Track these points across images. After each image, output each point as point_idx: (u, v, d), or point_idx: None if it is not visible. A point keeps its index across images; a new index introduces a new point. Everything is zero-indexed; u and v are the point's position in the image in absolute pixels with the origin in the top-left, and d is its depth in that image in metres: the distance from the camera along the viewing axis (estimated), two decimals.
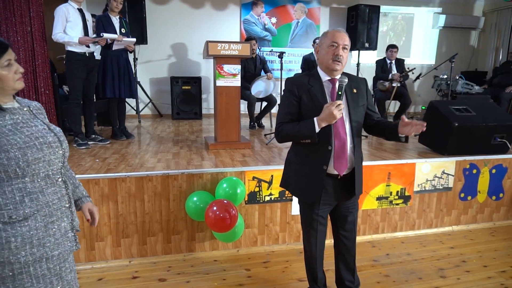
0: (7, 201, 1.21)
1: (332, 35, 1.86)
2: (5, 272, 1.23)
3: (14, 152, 1.20)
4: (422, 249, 3.04)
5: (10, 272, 1.23)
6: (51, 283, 1.33)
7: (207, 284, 2.48)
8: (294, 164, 2.03)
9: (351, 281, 2.16)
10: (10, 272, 1.23)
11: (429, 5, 7.05)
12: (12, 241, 1.22)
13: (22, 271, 1.25)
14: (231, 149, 3.62)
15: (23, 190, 1.24)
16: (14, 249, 1.22)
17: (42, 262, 1.30)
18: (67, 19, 3.37)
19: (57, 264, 1.35)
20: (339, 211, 2.05)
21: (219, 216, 2.46)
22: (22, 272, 1.25)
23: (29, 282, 1.27)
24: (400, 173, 3.19)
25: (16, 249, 1.23)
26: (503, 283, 2.52)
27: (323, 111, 1.78)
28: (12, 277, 1.24)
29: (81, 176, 2.60)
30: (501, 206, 3.54)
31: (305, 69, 5.42)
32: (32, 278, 1.28)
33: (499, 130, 3.41)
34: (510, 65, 5.55)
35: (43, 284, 1.31)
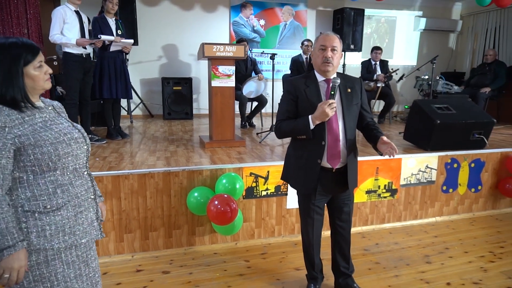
0: (42, 193, 1.32)
1: (321, 39, 2.03)
2: (40, 258, 1.33)
3: (47, 147, 1.31)
4: (408, 238, 3.25)
5: (45, 258, 1.34)
6: (79, 269, 1.44)
7: (209, 275, 2.61)
8: (293, 158, 2.19)
9: (346, 267, 2.33)
10: (44, 258, 1.34)
11: (411, 9, 7.35)
12: (47, 229, 1.33)
13: (55, 257, 1.36)
14: (226, 147, 3.75)
15: (55, 182, 1.35)
16: (49, 236, 1.33)
17: (72, 249, 1.41)
18: (65, 20, 3.43)
19: (84, 251, 1.46)
20: (335, 203, 2.21)
21: (220, 209, 2.59)
22: (55, 258, 1.36)
23: (61, 267, 1.38)
24: (387, 168, 3.40)
25: (50, 237, 1.33)
26: (482, 266, 2.75)
27: (317, 109, 1.94)
28: (46, 263, 1.34)
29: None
30: (479, 197, 3.80)
31: (293, 70, 5.60)
32: (64, 264, 1.38)
33: (477, 127, 3.67)
34: (485, 67, 5.87)
35: (73, 270, 1.41)
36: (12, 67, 1.27)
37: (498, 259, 2.87)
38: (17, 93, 1.28)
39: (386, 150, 1.96)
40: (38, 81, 1.35)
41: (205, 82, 6.48)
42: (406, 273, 2.65)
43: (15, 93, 1.27)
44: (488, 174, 3.78)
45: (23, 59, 1.29)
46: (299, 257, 2.84)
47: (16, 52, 1.28)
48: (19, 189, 1.30)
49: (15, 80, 1.27)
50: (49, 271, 1.35)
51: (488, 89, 5.66)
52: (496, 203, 3.88)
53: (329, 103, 1.90)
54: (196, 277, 2.58)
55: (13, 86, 1.27)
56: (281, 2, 6.66)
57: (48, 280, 1.35)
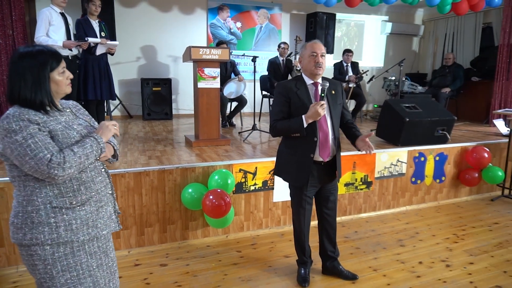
0: (67, 190, 1.44)
1: (311, 46, 2.27)
2: (67, 250, 1.45)
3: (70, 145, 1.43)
4: (383, 225, 3.57)
5: (71, 249, 1.47)
6: (100, 259, 1.58)
7: (205, 265, 2.78)
8: (285, 155, 2.41)
9: (332, 251, 2.59)
10: (71, 250, 1.46)
11: (378, 14, 7.81)
12: (73, 223, 1.46)
13: (80, 248, 1.49)
14: (212, 145, 3.91)
15: (79, 180, 1.47)
16: (75, 230, 1.46)
17: (94, 241, 1.54)
18: (50, 22, 3.46)
19: (104, 242, 1.60)
20: (322, 193, 2.46)
21: (215, 203, 2.77)
22: (80, 249, 1.49)
23: (85, 258, 1.51)
24: (363, 162, 3.70)
25: (76, 230, 1.46)
26: (448, 246, 3.11)
27: (309, 109, 2.18)
28: (72, 254, 1.47)
29: None
30: (443, 187, 4.21)
31: (270, 71, 5.84)
32: (87, 254, 1.51)
33: (440, 124, 4.06)
34: (445, 69, 6.39)
35: (95, 260, 1.55)
36: (40, 73, 1.38)
37: (460, 240, 3.24)
38: (44, 97, 1.39)
39: (364, 147, 2.25)
40: (61, 86, 1.47)
41: (183, 83, 6.58)
42: (384, 255, 2.95)
43: (43, 97, 1.39)
44: (451, 166, 4.19)
45: (49, 65, 1.40)
46: (287, 246, 3.08)
47: (43, 59, 1.39)
48: (47, 187, 1.41)
49: (43, 85, 1.39)
50: (75, 261, 1.48)
51: (448, 89, 6.18)
52: (458, 192, 4.31)
53: (320, 104, 2.14)
54: (193, 267, 2.74)
55: (41, 90, 1.38)
56: (257, 5, 6.88)
57: (74, 269, 1.48)
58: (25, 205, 1.40)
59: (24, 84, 1.34)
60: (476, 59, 6.82)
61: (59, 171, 1.32)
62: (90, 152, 1.42)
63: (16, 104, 1.36)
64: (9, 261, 2.66)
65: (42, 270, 1.43)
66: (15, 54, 1.38)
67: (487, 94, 6.21)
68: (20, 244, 1.42)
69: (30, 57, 1.36)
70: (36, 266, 1.43)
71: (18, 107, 1.35)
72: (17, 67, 1.35)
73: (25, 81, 1.34)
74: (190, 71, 6.33)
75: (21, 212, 1.40)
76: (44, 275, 1.44)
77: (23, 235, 1.40)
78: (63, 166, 1.33)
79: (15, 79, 1.35)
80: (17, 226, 1.40)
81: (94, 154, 1.44)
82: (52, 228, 1.41)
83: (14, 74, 1.35)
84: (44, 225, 1.40)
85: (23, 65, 1.35)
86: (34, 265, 1.43)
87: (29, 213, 1.40)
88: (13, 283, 2.52)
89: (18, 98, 1.35)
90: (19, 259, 2.68)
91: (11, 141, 1.31)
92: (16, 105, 1.36)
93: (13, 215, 1.43)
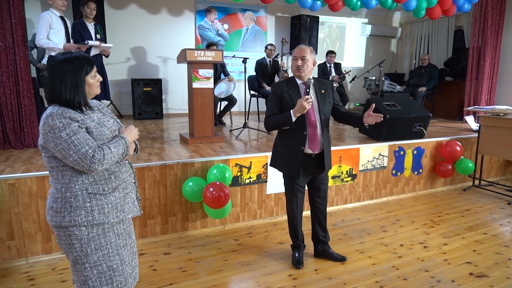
0: (100, 178, 1.64)
1: (295, 51, 2.55)
2: (99, 231, 1.65)
3: (104, 140, 1.64)
4: (367, 214, 3.88)
5: (103, 230, 1.66)
6: (125, 240, 1.78)
7: (207, 253, 3.00)
8: (279, 147, 2.66)
9: (323, 236, 2.86)
10: (102, 231, 1.66)
11: (358, 16, 8.18)
12: (105, 207, 1.65)
13: (110, 230, 1.69)
14: (207, 143, 4.12)
15: (109, 170, 1.67)
16: (107, 213, 1.66)
17: (121, 224, 1.75)
18: (51, 25, 3.58)
19: (128, 225, 1.81)
20: (314, 183, 2.72)
21: (215, 195, 2.99)
22: (109, 230, 1.69)
23: (114, 238, 1.71)
24: (348, 156, 4.00)
25: (108, 213, 1.66)
26: (425, 231, 3.44)
27: (296, 104, 2.43)
28: (103, 234, 1.67)
29: None
30: (421, 179, 4.56)
31: (258, 72, 6.08)
32: (116, 235, 1.72)
33: (418, 120, 4.41)
34: (422, 69, 6.81)
35: (121, 240, 1.75)
36: (78, 77, 1.58)
37: (436, 225, 3.58)
38: (81, 97, 1.59)
39: (374, 119, 2.50)
40: (93, 88, 1.67)
41: (173, 83, 6.74)
42: (369, 240, 3.24)
43: (80, 98, 1.58)
44: (427, 159, 4.55)
45: (84, 70, 1.60)
46: (280, 234, 3.34)
47: (80, 64, 1.59)
48: (83, 176, 1.61)
49: (80, 87, 1.58)
50: (106, 241, 1.68)
51: (425, 89, 6.59)
52: (434, 183, 4.68)
53: (305, 98, 2.39)
54: (195, 255, 2.96)
55: (78, 92, 1.58)
56: (243, 8, 7.11)
57: (105, 248, 1.68)
58: (63, 192, 1.59)
59: (64, 86, 1.53)
60: (449, 60, 7.28)
61: (98, 165, 1.53)
62: (122, 152, 1.64)
63: (56, 104, 1.55)
64: (19, 254, 2.80)
65: (79, 248, 1.62)
66: (55, 60, 1.57)
67: (460, 93, 6.67)
68: (59, 226, 1.60)
69: (68, 63, 1.55)
70: (73, 245, 1.62)
71: (58, 106, 1.54)
72: (58, 71, 1.54)
73: (65, 84, 1.54)
74: (179, 72, 6.56)
75: (59, 198, 1.59)
76: (80, 253, 1.63)
77: (62, 217, 1.59)
78: (102, 162, 1.53)
79: (56, 82, 1.53)
80: (56, 210, 1.59)
81: (123, 153, 1.65)
82: (88, 212, 1.60)
83: (55, 78, 1.54)
84: (81, 209, 1.59)
85: (63, 70, 1.54)
86: (71, 244, 1.62)
87: (67, 199, 1.59)
88: (25, 273, 2.67)
89: (58, 99, 1.53)
90: (28, 251, 2.83)
91: (55, 136, 1.50)
92: (56, 104, 1.55)
93: (51, 200, 1.61)
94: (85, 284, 1.68)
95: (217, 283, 2.55)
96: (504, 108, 4.64)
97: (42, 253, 2.86)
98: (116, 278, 1.71)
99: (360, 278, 2.61)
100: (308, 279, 2.60)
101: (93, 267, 1.65)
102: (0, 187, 2.68)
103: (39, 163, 3.12)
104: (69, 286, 2.49)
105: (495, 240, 3.25)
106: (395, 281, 2.57)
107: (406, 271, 2.71)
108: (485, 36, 5.93)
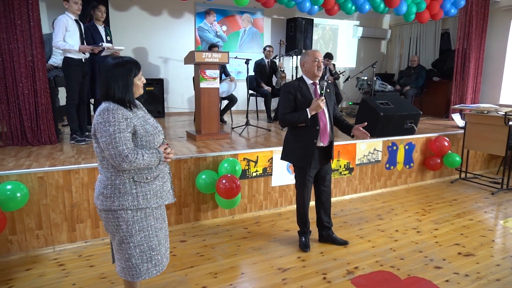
0: (144, 168, 1.88)
1: (314, 54, 2.81)
2: (142, 214, 1.90)
3: (149, 137, 1.88)
4: (364, 205, 4.18)
5: (145, 214, 1.91)
6: (161, 224, 2.02)
7: (220, 240, 3.25)
8: (291, 142, 2.93)
9: (328, 222, 3.14)
10: (144, 215, 1.91)
11: (350, 19, 8.51)
12: (148, 194, 1.90)
13: (151, 214, 1.93)
14: (214, 139, 4.37)
15: None
16: (149, 199, 1.90)
17: (159, 209, 2.00)
18: (67, 28, 3.77)
19: (163, 211, 2.06)
20: (320, 173, 3.01)
21: (227, 186, 3.25)
22: (150, 214, 1.93)
23: (153, 221, 1.95)
24: (346, 151, 4.30)
25: (150, 199, 1.90)
26: (418, 218, 3.76)
27: (312, 104, 2.71)
28: (145, 218, 1.91)
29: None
30: (412, 172, 4.90)
31: (257, 72, 6.34)
32: (155, 219, 1.96)
33: (409, 118, 4.74)
34: (411, 70, 7.17)
35: (159, 224, 1.99)
36: (129, 78, 1.83)
37: (427, 213, 3.91)
38: (130, 97, 1.84)
39: (361, 134, 2.81)
40: (139, 89, 1.91)
41: (173, 83, 6.95)
42: (367, 226, 3.55)
43: (130, 97, 1.83)
44: (418, 154, 4.89)
45: (133, 72, 1.85)
46: (286, 223, 3.61)
47: (130, 67, 1.84)
48: None
49: (130, 87, 1.83)
50: (147, 223, 1.92)
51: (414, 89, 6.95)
52: (424, 176, 5.02)
53: (321, 99, 2.68)
54: (210, 242, 3.21)
55: (128, 92, 1.82)
56: (240, 10, 7.36)
57: (146, 230, 1.92)
58: (113, 179, 1.83)
59: (117, 87, 1.78)
60: (436, 61, 7.67)
61: (127, 165, 1.77)
62: (154, 161, 1.86)
63: (109, 101, 1.79)
64: (47, 242, 3.01)
65: (125, 229, 1.86)
66: (109, 64, 1.81)
67: (447, 92, 7.06)
68: (109, 210, 1.84)
69: (121, 66, 1.80)
70: (120, 227, 1.86)
71: (112, 103, 1.78)
72: (112, 74, 1.78)
73: (118, 84, 1.78)
74: (179, 72, 6.79)
75: (109, 185, 1.83)
76: (126, 233, 1.87)
77: (112, 202, 1.82)
78: (131, 164, 1.77)
79: (110, 83, 1.78)
80: (107, 196, 1.83)
81: (156, 162, 1.88)
82: (134, 197, 1.85)
83: (109, 79, 1.78)
84: (128, 194, 1.83)
85: (117, 73, 1.78)
86: (119, 225, 1.86)
87: (117, 185, 1.83)
88: (54, 259, 2.88)
89: (113, 97, 1.78)
90: (55, 240, 3.04)
91: (104, 129, 1.74)
92: (110, 101, 1.79)
93: (102, 187, 1.85)
94: (129, 261, 1.92)
95: (234, 265, 2.81)
96: (488, 106, 5.01)
97: (67, 242, 3.07)
98: (154, 256, 1.96)
99: (361, 258, 2.91)
100: (315, 260, 2.88)
101: (136, 246, 1.90)
102: (30, 180, 2.89)
103: (61, 158, 3.32)
104: (97, 270, 2.72)
105: (480, 225, 3.59)
106: (393, 261, 2.87)
107: (402, 252, 3.01)
108: (470, 39, 6.32)
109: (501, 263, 2.86)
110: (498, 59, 6.53)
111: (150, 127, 1.90)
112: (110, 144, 1.73)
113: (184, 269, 2.74)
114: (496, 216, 3.87)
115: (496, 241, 3.26)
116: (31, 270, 2.71)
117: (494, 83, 6.63)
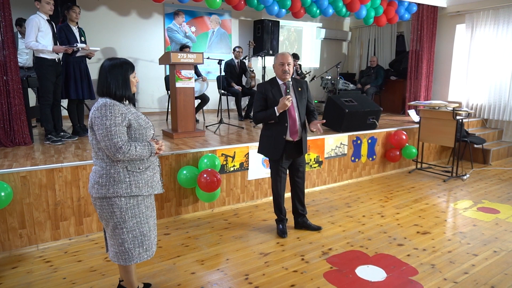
0: (136, 159, 2.04)
1: (281, 57, 3.06)
2: (135, 201, 2.06)
3: (141, 130, 2.05)
4: (333, 195, 4.52)
5: (137, 201, 2.07)
6: (151, 212, 2.19)
7: (202, 231, 3.43)
8: (265, 137, 3.17)
9: (302, 210, 3.42)
10: (137, 202, 2.07)
11: (313, 21, 8.93)
12: (140, 182, 2.06)
13: (142, 201, 2.10)
14: (190, 137, 4.52)
15: None
16: (141, 187, 2.07)
17: (149, 198, 2.16)
18: (39, 28, 3.76)
19: (153, 201, 2.22)
20: (294, 166, 3.27)
21: (208, 180, 3.43)
22: (142, 202, 2.10)
23: (144, 209, 2.12)
24: (315, 145, 4.61)
25: (142, 187, 2.07)
26: (381, 204, 4.15)
27: (279, 102, 2.97)
28: (137, 205, 2.07)
29: (86, 162, 3.21)
30: (375, 164, 5.33)
31: (227, 72, 6.53)
32: (146, 207, 2.13)
33: (371, 114, 5.15)
34: (370, 70, 7.69)
35: (149, 212, 2.16)
36: (126, 76, 1.98)
37: (389, 200, 4.32)
38: (128, 93, 2.00)
39: (314, 127, 3.06)
40: (133, 86, 2.07)
41: (143, 83, 6.96)
42: (337, 213, 3.87)
43: (127, 93, 1.99)
44: (379, 147, 5.32)
45: (129, 71, 2.01)
46: (263, 214, 3.85)
47: (126, 66, 2.00)
48: None
49: (127, 85, 1.99)
50: (139, 210, 2.09)
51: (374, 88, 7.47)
52: (385, 167, 5.47)
53: (287, 98, 2.94)
54: (193, 233, 3.37)
55: (126, 89, 1.98)
56: (209, 11, 7.51)
57: (138, 217, 2.08)
58: (108, 169, 1.98)
59: (116, 84, 1.93)
60: (393, 62, 8.26)
61: (120, 155, 1.93)
62: (146, 153, 2.03)
63: (107, 97, 1.94)
64: (30, 241, 3.03)
65: (119, 215, 2.01)
66: (108, 65, 1.95)
67: (403, 90, 7.65)
68: (104, 197, 1.98)
69: (119, 67, 1.95)
70: (114, 213, 2.01)
71: (109, 99, 1.93)
72: (111, 73, 1.93)
73: (117, 82, 1.93)
74: (148, 72, 6.85)
75: (105, 174, 1.98)
76: (119, 219, 2.02)
77: (107, 190, 1.97)
78: (125, 155, 1.93)
79: (110, 81, 1.93)
80: (102, 184, 1.97)
81: (147, 154, 2.04)
82: (127, 185, 2.00)
83: (109, 78, 1.93)
84: (122, 183, 1.99)
85: (116, 72, 1.94)
86: (113, 212, 2.00)
87: (111, 174, 1.97)
88: (39, 257, 2.92)
89: (112, 94, 1.93)
90: (39, 238, 3.07)
91: (101, 123, 1.89)
92: (107, 97, 1.93)
93: (97, 176, 1.99)
94: (122, 246, 2.07)
95: (218, 253, 3.00)
96: (439, 102, 5.55)
97: (51, 240, 3.11)
98: (145, 242, 2.13)
99: (334, 241, 3.21)
100: (293, 245, 3.14)
101: (129, 231, 2.05)
102: (13, 179, 2.90)
103: (41, 157, 3.34)
104: (86, 264, 2.80)
105: (435, 208, 4.04)
106: (362, 241, 3.20)
107: (369, 234, 3.36)
108: (421, 41, 6.92)
109: (451, 238, 3.28)
110: (446, 60, 7.20)
111: (142, 121, 2.06)
112: (106, 136, 1.89)
113: (172, 259, 2.89)
114: (447, 200, 4.35)
115: (448, 220, 3.70)
116: (18, 268, 2.74)
117: (443, 81, 7.29)
